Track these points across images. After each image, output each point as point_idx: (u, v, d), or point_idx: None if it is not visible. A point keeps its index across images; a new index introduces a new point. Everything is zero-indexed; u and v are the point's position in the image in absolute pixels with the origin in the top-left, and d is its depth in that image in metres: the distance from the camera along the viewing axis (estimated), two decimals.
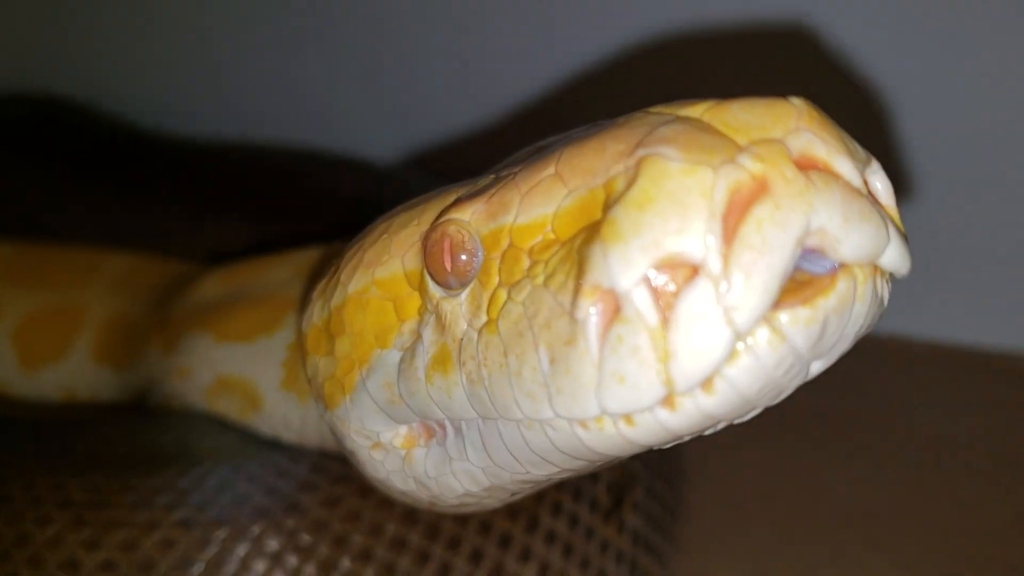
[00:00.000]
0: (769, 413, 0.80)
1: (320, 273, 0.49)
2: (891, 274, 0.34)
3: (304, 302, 0.50)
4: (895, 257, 0.33)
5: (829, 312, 0.32)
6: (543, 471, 0.41)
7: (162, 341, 0.66)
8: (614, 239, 0.32)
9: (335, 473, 0.54)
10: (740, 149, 0.31)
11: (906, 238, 0.34)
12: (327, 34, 1.02)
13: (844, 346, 0.34)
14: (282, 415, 0.58)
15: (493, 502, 0.49)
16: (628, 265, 0.32)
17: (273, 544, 0.52)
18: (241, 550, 0.52)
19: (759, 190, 0.31)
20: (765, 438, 0.80)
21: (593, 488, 0.60)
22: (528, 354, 0.35)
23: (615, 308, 0.32)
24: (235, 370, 0.60)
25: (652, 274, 0.32)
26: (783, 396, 0.34)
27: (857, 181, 0.32)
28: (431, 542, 0.54)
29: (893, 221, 0.33)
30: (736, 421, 0.35)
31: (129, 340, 0.73)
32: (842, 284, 0.32)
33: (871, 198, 0.33)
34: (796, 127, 0.32)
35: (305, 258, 0.61)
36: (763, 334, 0.31)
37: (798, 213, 0.31)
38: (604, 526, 0.60)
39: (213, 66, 1.10)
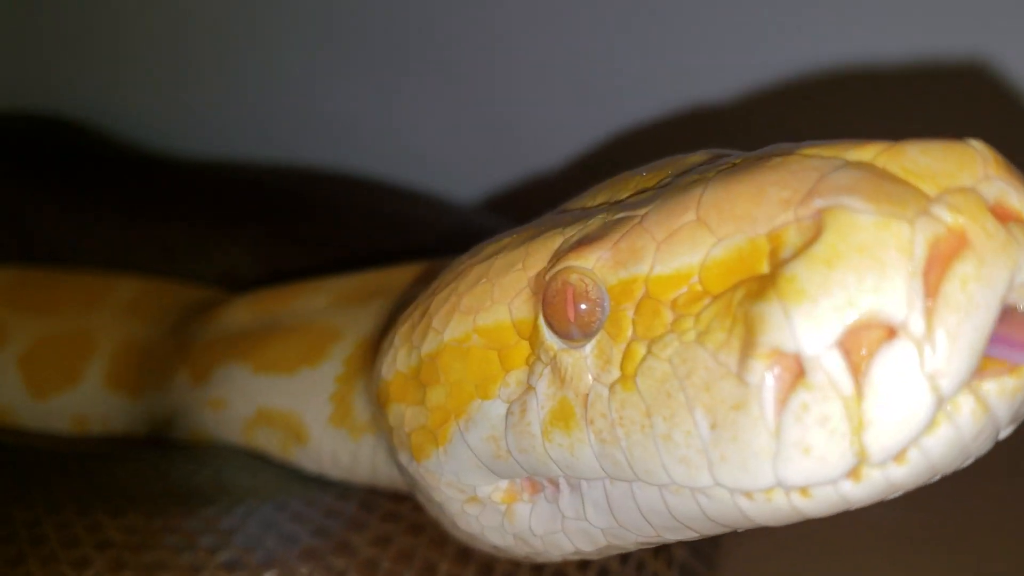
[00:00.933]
0: None
1: (398, 316, 0.47)
2: None
3: (380, 346, 0.47)
4: None
5: None
6: (679, 536, 0.39)
7: (190, 370, 0.64)
8: (798, 298, 0.30)
9: (385, 510, 0.52)
10: (931, 200, 0.29)
11: None
12: (345, 55, 1.00)
13: None
14: (330, 451, 0.55)
15: (598, 558, 0.47)
16: (818, 327, 0.30)
17: None
18: None
19: (960, 245, 0.29)
20: None
21: None
22: (681, 416, 0.33)
23: (796, 372, 0.30)
24: (277, 403, 0.57)
25: (844, 337, 0.29)
26: (968, 463, 0.32)
27: None
28: None
29: None
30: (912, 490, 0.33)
31: (146, 367, 0.70)
32: None
33: None
34: (985, 174, 0.30)
35: (341, 285, 0.59)
36: (967, 403, 0.30)
37: (1003, 269, 0.29)
38: (654, 560, 0.58)
39: (235, 86, 1.08)
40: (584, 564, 0.54)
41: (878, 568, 0.70)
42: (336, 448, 0.55)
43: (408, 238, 0.77)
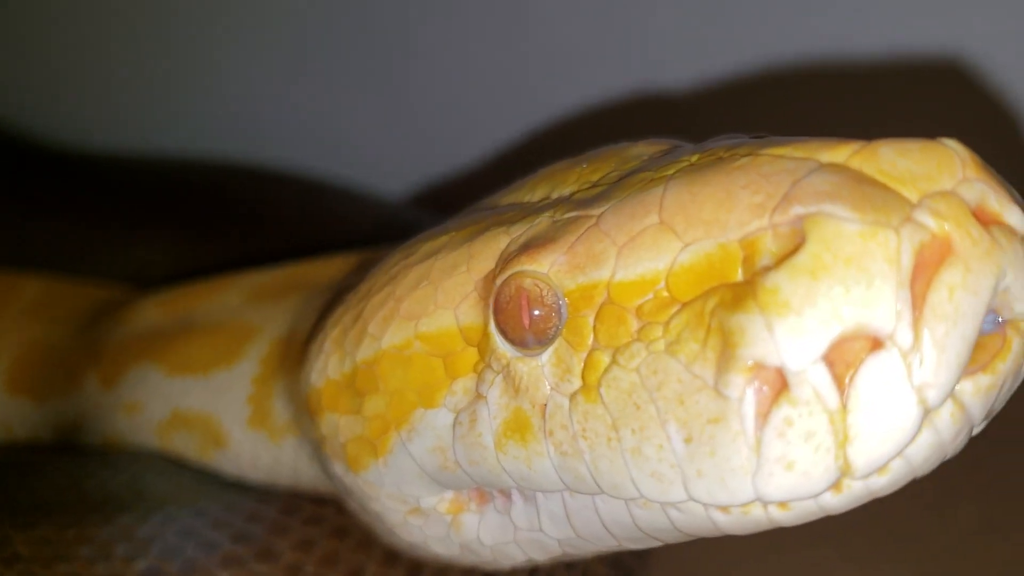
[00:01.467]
0: None
1: (329, 319, 0.45)
2: None
3: (308, 351, 0.46)
4: None
5: (1007, 375, 0.30)
6: (641, 545, 0.38)
7: (100, 372, 0.61)
8: (782, 310, 0.29)
9: (308, 514, 0.51)
10: (913, 205, 0.29)
11: None
12: (271, 50, 0.98)
13: (1003, 403, 0.32)
14: (251, 454, 0.54)
15: (549, 565, 0.46)
16: (803, 341, 0.29)
17: None
18: None
19: (945, 252, 0.28)
20: None
21: None
22: (652, 430, 0.32)
23: (779, 386, 0.30)
24: (194, 405, 0.56)
25: (829, 350, 0.29)
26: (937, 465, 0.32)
27: None
28: None
29: None
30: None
31: (51, 370, 0.67)
32: (1017, 343, 0.30)
33: None
34: (963, 176, 0.30)
35: (254, 281, 0.58)
36: (947, 409, 0.29)
37: (989, 276, 0.28)
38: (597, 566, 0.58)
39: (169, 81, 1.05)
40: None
41: (815, 553, 0.70)
42: (256, 451, 0.53)
43: (331, 233, 0.75)
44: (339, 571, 0.49)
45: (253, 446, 0.53)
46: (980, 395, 0.30)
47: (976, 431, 0.32)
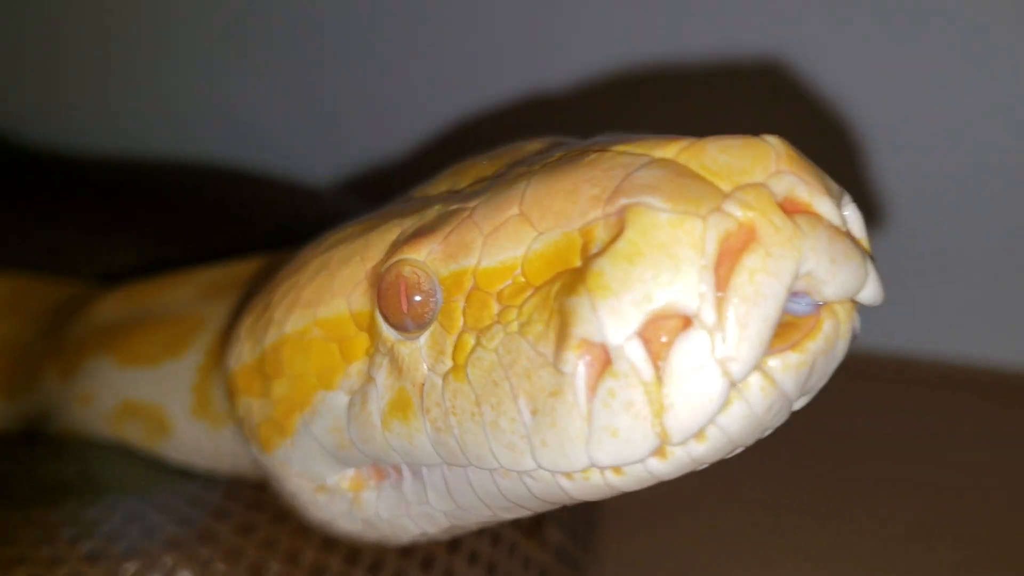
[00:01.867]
0: None
1: (246, 307, 0.47)
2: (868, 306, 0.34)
3: (230, 337, 0.48)
4: (873, 291, 0.33)
5: (817, 354, 0.32)
6: (514, 514, 0.40)
7: (59, 366, 0.63)
8: (604, 292, 0.31)
9: (249, 499, 0.52)
10: (725, 196, 0.31)
11: (877, 269, 0.34)
12: (252, 50, 1.00)
13: (824, 380, 0.34)
14: (194, 442, 0.56)
15: (445, 539, 0.48)
16: (620, 319, 0.31)
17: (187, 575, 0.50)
18: None
19: (748, 238, 0.31)
20: None
21: None
22: (506, 404, 0.34)
23: (605, 361, 0.32)
24: (141, 395, 0.57)
25: (645, 327, 0.31)
26: (767, 434, 0.34)
27: (838, 220, 0.32)
28: (351, 567, 0.52)
29: (868, 254, 0.33)
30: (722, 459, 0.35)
31: (18, 366, 0.69)
32: (828, 325, 0.32)
33: (849, 235, 0.33)
34: (777, 169, 0.32)
35: (208, 276, 0.59)
36: (755, 381, 0.31)
37: (789, 260, 0.31)
38: (526, 543, 0.59)
39: (119, 78, 1.07)
40: (454, 546, 0.55)
41: (759, 544, 0.71)
42: (199, 438, 0.55)
43: (286, 228, 0.77)
44: (278, 555, 0.51)
45: (196, 434, 0.55)
46: (789, 371, 0.32)
47: (798, 406, 0.34)
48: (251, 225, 0.80)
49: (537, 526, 0.60)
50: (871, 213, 0.82)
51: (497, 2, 0.89)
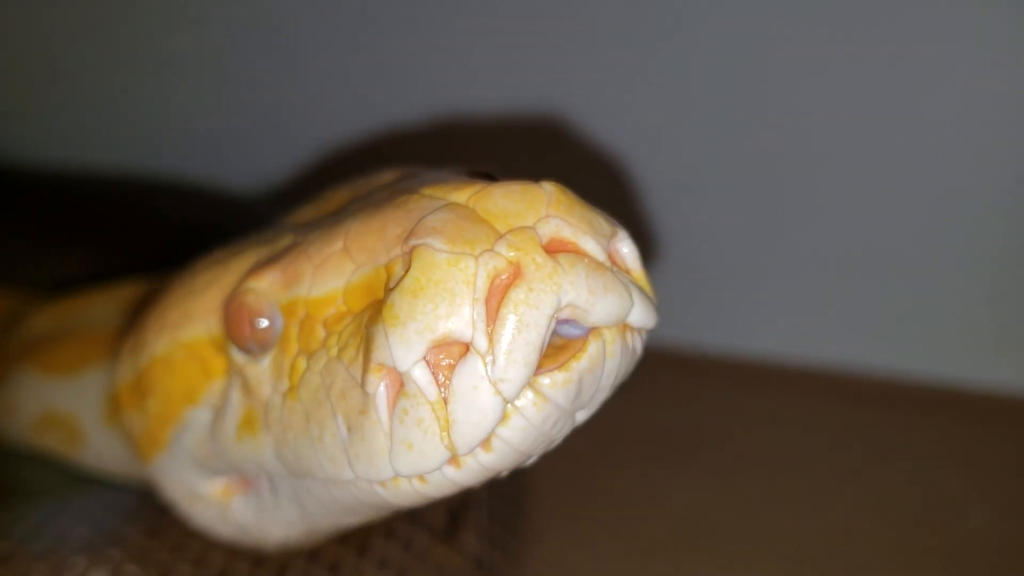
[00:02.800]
0: (610, 434, 0.82)
1: (130, 324, 0.51)
2: (643, 329, 0.38)
3: (115, 354, 0.51)
4: (640, 316, 0.37)
5: (583, 372, 0.36)
6: (355, 519, 0.45)
7: None
8: (393, 322, 0.35)
9: (159, 504, 0.54)
10: (499, 237, 0.35)
11: (651, 297, 0.38)
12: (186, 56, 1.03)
13: (603, 395, 0.38)
14: (107, 450, 0.58)
15: (314, 542, 0.51)
16: (407, 346, 0.34)
17: None
18: None
19: (515, 275, 0.34)
20: (608, 459, 0.82)
21: (429, 512, 0.61)
22: (327, 421, 0.38)
23: (400, 383, 0.35)
24: (61, 405, 0.60)
25: (429, 353, 0.35)
26: (555, 444, 0.38)
27: (601, 256, 0.36)
28: (258, 570, 0.54)
29: (638, 283, 0.37)
30: (520, 467, 0.39)
31: None
32: (592, 347, 0.36)
33: (616, 266, 0.37)
34: (546, 213, 0.36)
35: (126, 291, 0.62)
36: (528, 397, 0.35)
37: (548, 294, 0.34)
38: (441, 549, 0.61)
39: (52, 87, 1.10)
40: (362, 551, 0.57)
41: (687, 559, 0.73)
42: (112, 446, 0.57)
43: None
44: (187, 559, 0.53)
45: (108, 442, 0.57)
46: (557, 387, 0.35)
47: (580, 418, 0.38)
48: (188, 236, 0.82)
49: (452, 532, 0.62)
50: (648, 246, 0.92)
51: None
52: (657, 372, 0.93)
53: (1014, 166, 0.84)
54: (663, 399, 0.91)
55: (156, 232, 0.86)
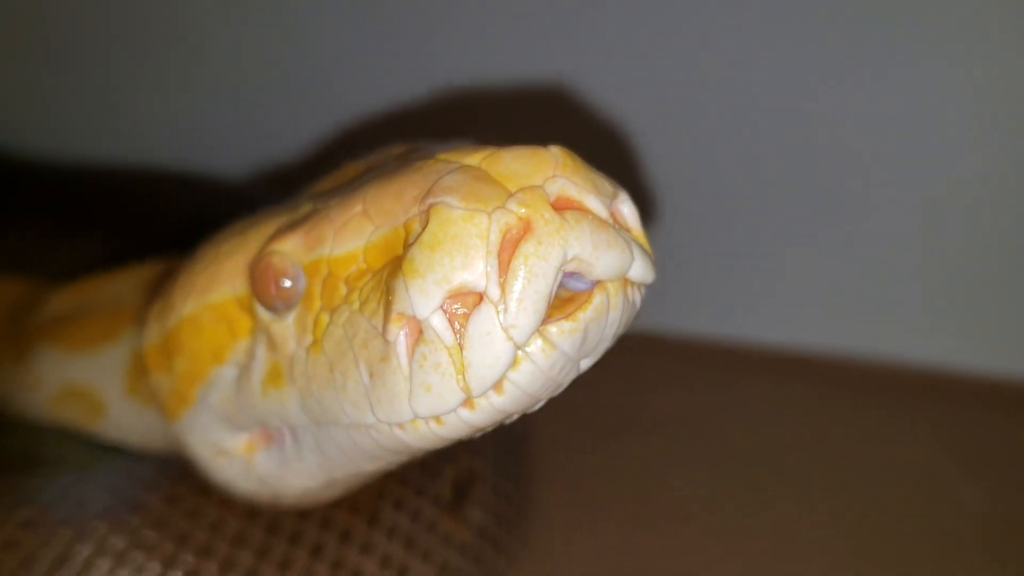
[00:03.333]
0: (614, 414, 0.84)
1: (156, 293, 0.54)
2: (642, 283, 0.41)
3: (142, 321, 0.54)
4: (640, 271, 0.39)
5: (588, 322, 0.38)
6: (373, 465, 0.47)
7: (12, 356, 0.68)
8: (413, 275, 0.37)
9: (177, 474, 0.56)
10: (510, 196, 0.37)
11: (650, 254, 0.41)
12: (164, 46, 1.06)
13: (606, 345, 0.41)
14: (127, 421, 0.60)
15: (330, 495, 0.54)
16: (426, 296, 0.37)
17: (118, 542, 0.54)
18: (86, 549, 0.53)
19: (525, 230, 0.37)
20: (610, 439, 0.84)
21: (436, 485, 0.64)
22: (351, 370, 0.41)
23: (419, 331, 0.38)
24: (80, 379, 0.62)
25: (446, 303, 0.37)
26: (561, 389, 0.41)
27: (604, 214, 0.39)
28: (272, 537, 0.56)
29: (638, 241, 0.40)
30: (529, 411, 0.42)
31: None
32: (597, 298, 0.38)
33: (618, 225, 0.40)
34: (553, 174, 0.38)
35: (144, 271, 0.65)
36: (537, 344, 0.38)
37: (556, 247, 0.37)
38: (447, 521, 0.63)
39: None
40: (373, 521, 0.59)
41: (686, 537, 0.75)
42: (131, 418, 0.60)
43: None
44: (203, 525, 0.55)
45: (129, 413, 0.60)
46: (564, 335, 0.38)
47: (585, 365, 0.41)
48: (195, 223, 0.84)
49: (459, 505, 0.64)
50: (647, 208, 0.94)
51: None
52: (657, 355, 0.96)
53: (1008, 154, 0.86)
54: (663, 383, 0.93)
55: (164, 220, 0.89)
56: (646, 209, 0.93)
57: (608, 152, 0.95)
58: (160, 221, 0.88)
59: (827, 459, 0.85)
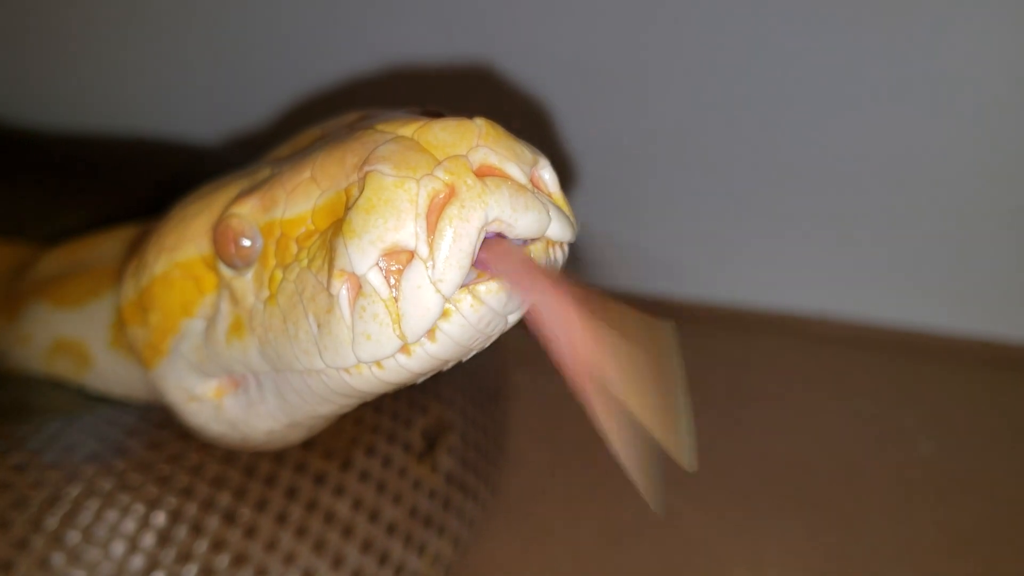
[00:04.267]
0: None
1: (132, 252, 0.58)
2: (562, 242, 0.44)
3: (121, 278, 0.58)
4: (558, 230, 0.43)
5: None
6: (327, 408, 0.51)
7: (6, 313, 0.72)
8: (351, 235, 0.41)
9: (159, 420, 0.60)
10: (438, 163, 0.41)
11: (569, 215, 0.44)
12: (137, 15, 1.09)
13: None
14: (112, 372, 0.64)
15: (295, 437, 0.57)
16: (362, 254, 0.41)
17: (105, 484, 0.57)
18: (75, 490, 0.57)
19: (450, 194, 0.41)
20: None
21: (407, 433, 0.67)
22: (301, 321, 0.45)
23: (359, 286, 0.42)
24: (69, 332, 0.66)
25: (381, 260, 0.41)
26: (492, 340, 0.45)
27: (523, 179, 0.42)
28: (249, 479, 0.59)
29: (557, 204, 0.44)
30: (463, 359, 0.46)
31: None
32: None
33: (538, 189, 0.43)
34: (476, 144, 0.42)
35: (127, 232, 0.69)
36: (467, 300, 0.42)
37: (477, 210, 0.40)
38: (417, 466, 0.67)
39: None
40: (346, 466, 0.63)
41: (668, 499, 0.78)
42: (116, 368, 0.64)
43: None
44: (184, 468, 0.59)
45: (114, 364, 0.64)
46: (491, 294, 0.42)
47: (512, 319, 0.44)
48: (173, 185, 0.88)
49: (428, 452, 0.68)
50: (568, 174, 1.00)
51: None
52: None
53: (984, 122, 0.89)
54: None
55: (144, 183, 0.92)
56: (567, 175, 0.97)
57: (533, 124, 1.00)
58: (141, 185, 0.92)
59: (790, 411, 0.89)
